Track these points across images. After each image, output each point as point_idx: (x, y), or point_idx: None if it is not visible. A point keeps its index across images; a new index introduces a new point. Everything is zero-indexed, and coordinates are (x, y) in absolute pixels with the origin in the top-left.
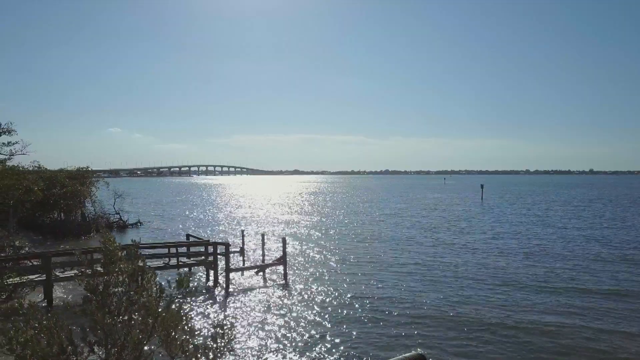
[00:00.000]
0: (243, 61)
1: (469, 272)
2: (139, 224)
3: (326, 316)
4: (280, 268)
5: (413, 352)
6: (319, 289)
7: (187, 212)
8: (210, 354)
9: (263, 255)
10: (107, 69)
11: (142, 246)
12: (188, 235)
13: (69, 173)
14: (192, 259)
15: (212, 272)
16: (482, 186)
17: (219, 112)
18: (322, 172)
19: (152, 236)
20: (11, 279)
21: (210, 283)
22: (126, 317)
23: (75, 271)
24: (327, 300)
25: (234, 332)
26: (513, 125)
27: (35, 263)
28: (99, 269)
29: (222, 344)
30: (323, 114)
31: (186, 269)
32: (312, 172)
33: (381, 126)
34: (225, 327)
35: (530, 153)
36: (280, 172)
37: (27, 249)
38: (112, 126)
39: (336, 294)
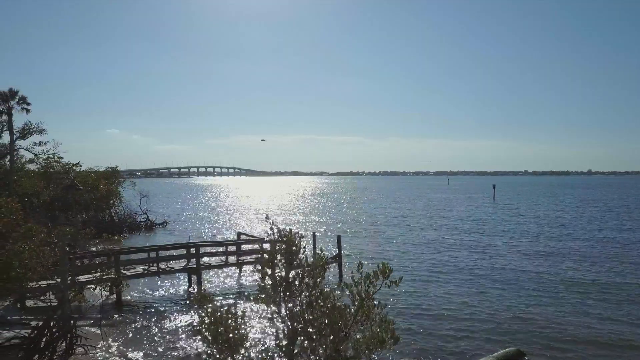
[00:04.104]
0: (241, 62)
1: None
2: (165, 223)
3: (398, 314)
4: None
5: (511, 348)
6: None
7: (204, 213)
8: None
9: (314, 253)
10: (105, 70)
11: (203, 244)
12: (239, 234)
13: (99, 173)
14: (246, 257)
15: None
16: (494, 186)
17: (218, 113)
18: (321, 173)
19: (187, 235)
20: (81, 276)
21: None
22: (322, 306)
23: (142, 269)
24: (390, 297)
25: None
26: (511, 126)
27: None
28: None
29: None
30: (321, 114)
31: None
32: (310, 173)
33: (379, 127)
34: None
35: (529, 154)
36: (280, 173)
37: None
38: (110, 127)
39: (398, 291)
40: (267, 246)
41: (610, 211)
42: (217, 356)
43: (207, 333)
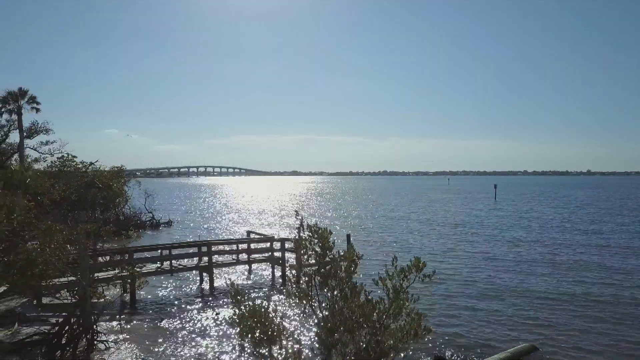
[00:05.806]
0: (241, 62)
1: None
2: (170, 223)
3: None
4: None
5: (525, 344)
6: None
7: (207, 212)
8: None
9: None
10: (105, 70)
11: (214, 242)
12: (249, 232)
13: (107, 173)
14: (257, 255)
15: (278, 269)
16: (495, 186)
17: (218, 113)
18: (321, 173)
19: (193, 234)
20: (96, 273)
21: (278, 279)
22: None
23: (155, 267)
24: None
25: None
26: (511, 126)
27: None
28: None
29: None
30: (321, 114)
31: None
32: (310, 173)
33: (379, 127)
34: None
35: (529, 154)
36: (279, 173)
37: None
38: (110, 127)
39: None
40: (277, 245)
41: (619, 212)
42: (254, 349)
43: (243, 326)
